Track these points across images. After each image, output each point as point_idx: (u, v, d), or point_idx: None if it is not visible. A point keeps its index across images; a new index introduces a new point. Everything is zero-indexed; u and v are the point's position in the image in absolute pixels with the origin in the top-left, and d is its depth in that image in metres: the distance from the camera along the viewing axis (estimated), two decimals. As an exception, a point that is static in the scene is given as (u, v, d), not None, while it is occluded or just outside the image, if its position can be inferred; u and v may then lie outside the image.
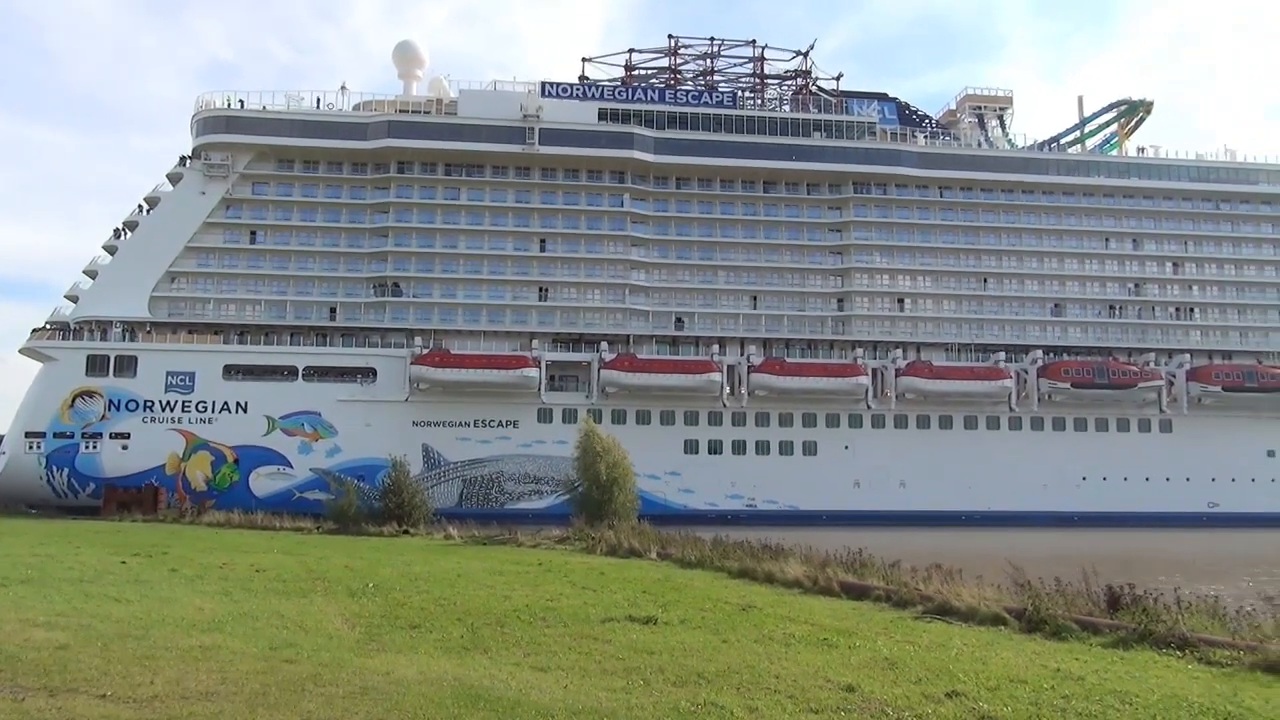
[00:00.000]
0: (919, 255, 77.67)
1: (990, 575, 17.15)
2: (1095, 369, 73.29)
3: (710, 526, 36.75)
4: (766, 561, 22.18)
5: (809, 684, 10.31)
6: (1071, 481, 71.87)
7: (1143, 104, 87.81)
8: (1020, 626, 14.24)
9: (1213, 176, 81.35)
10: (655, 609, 15.74)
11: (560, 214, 75.19)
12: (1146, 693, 9.97)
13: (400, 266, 72.81)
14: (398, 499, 44.13)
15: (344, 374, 68.41)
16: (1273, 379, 74.92)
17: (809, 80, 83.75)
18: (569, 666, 11.11)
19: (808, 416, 71.52)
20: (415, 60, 79.19)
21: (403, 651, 11.93)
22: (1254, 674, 10.91)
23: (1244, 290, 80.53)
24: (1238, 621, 13.31)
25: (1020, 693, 10.01)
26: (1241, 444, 74.37)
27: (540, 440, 68.03)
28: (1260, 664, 11.08)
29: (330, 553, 27.90)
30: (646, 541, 29.28)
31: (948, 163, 78.84)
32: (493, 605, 16.33)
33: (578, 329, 73.18)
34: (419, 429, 67.21)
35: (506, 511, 61.72)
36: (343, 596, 17.41)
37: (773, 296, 75.90)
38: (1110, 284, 79.62)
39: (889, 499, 68.79)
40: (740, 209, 77.12)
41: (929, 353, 75.32)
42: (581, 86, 78.49)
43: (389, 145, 72.47)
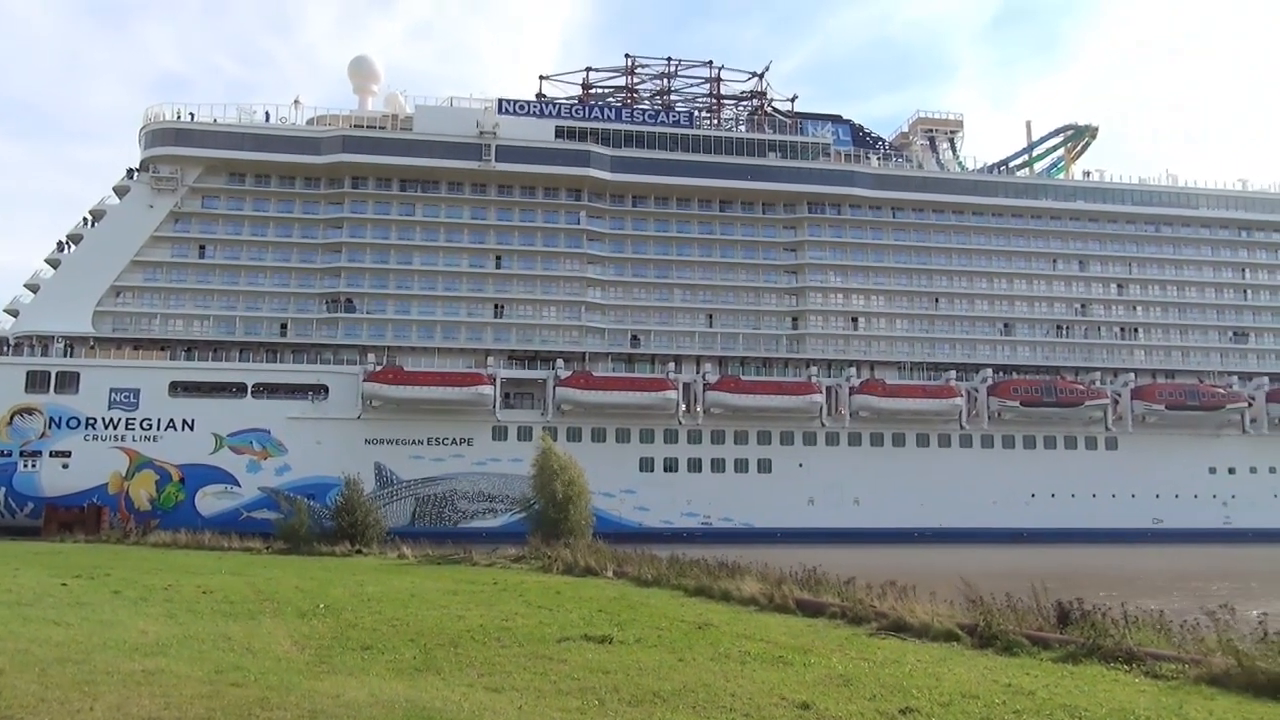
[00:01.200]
0: (872, 275, 78.68)
1: (943, 592, 17.31)
2: (1043, 388, 74.65)
3: (665, 544, 36.69)
4: (723, 579, 22.18)
5: (764, 702, 10.30)
6: (1021, 498, 72.98)
7: (1088, 129, 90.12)
8: (973, 642, 14.36)
9: (1155, 200, 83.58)
10: (611, 628, 15.65)
11: (516, 231, 75.03)
12: (1095, 706, 10.10)
13: (354, 283, 72.05)
14: (350, 518, 43.49)
15: (295, 391, 67.37)
16: (1213, 397, 76.90)
17: (765, 101, 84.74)
18: (524, 687, 10.98)
19: (762, 434, 71.88)
20: (370, 75, 78.76)
21: (353, 673, 11.71)
22: (1199, 687, 11.10)
23: (1186, 311, 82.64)
24: (1182, 635, 13.54)
25: (973, 708, 10.09)
26: (1184, 461, 76.14)
27: (495, 458, 67.52)
28: (1204, 677, 11.28)
29: (280, 573, 27.38)
30: (603, 560, 29.14)
31: (901, 184, 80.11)
32: (446, 625, 16.12)
33: (533, 346, 72.93)
34: (371, 447, 66.36)
35: (460, 530, 61.05)
36: (292, 618, 17.07)
37: (728, 315, 76.33)
38: (1058, 304, 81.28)
39: (843, 516, 69.24)
40: (696, 228, 77.60)
41: (882, 371, 76.19)
42: (538, 104, 78.58)
43: (343, 160, 71.84)
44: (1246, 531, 73.33)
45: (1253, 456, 78.05)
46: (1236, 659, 11.28)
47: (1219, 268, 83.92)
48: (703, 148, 77.60)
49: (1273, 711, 9.97)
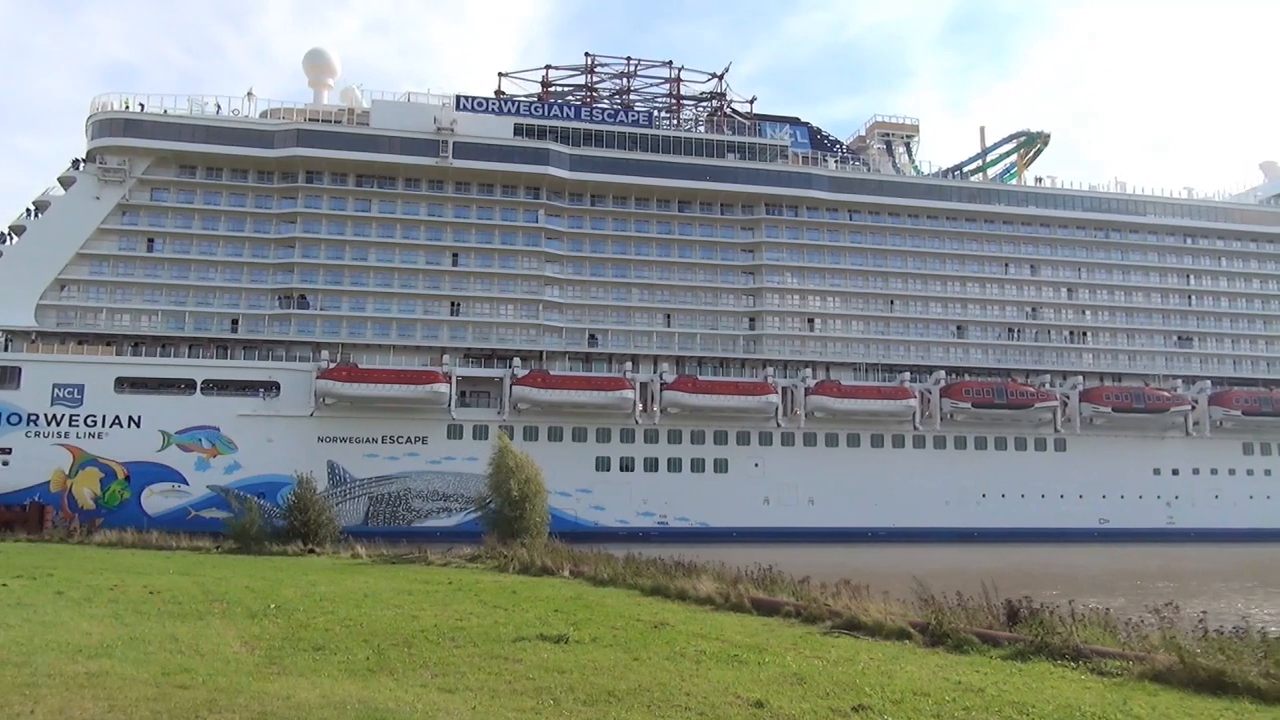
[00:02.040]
0: (829, 277, 79.36)
1: (896, 590, 17.52)
2: (994, 389, 75.88)
3: (621, 544, 36.71)
4: (679, 579, 22.23)
5: (719, 701, 10.33)
6: (972, 498, 74.11)
7: (1040, 136, 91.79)
8: (924, 640, 14.54)
9: (1104, 207, 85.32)
10: (567, 627, 15.61)
11: (474, 228, 74.52)
12: (1043, 703, 10.27)
13: (307, 278, 71.09)
14: (303, 517, 42.84)
15: (245, 388, 66.35)
16: (1159, 400, 78.73)
17: (724, 102, 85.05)
18: (478, 687, 10.90)
19: (719, 434, 72.17)
20: (326, 69, 77.75)
21: (304, 674, 11.54)
22: (1143, 683, 11.34)
23: (1132, 315, 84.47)
24: (1127, 633, 13.82)
25: (924, 705, 10.21)
26: (1130, 462, 77.84)
27: (450, 457, 67.04)
28: (1148, 674, 11.52)
29: (230, 573, 26.94)
30: (559, 559, 29.07)
31: (857, 187, 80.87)
32: (400, 625, 15.97)
33: (490, 344, 72.51)
34: (324, 445, 65.55)
35: (414, 529, 60.56)
36: (242, 618, 16.80)
37: (686, 315, 76.50)
38: (1009, 307, 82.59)
39: (798, 515, 69.81)
40: (655, 227, 77.67)
41: (837, 372, 76.89)
42: (497, 101, 78.11)
43: (297, 154, 70.83)
44: (1189, 531, 75.21)
45: (1195, 458, 80.00)
46: (1179, 656, 11.54)
47: (1165, 273, 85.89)
48: (662, 148, 77.69)
49: (1213, 706, 10.21)
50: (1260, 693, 10.39)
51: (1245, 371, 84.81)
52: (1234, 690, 10.60)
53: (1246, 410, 79.85)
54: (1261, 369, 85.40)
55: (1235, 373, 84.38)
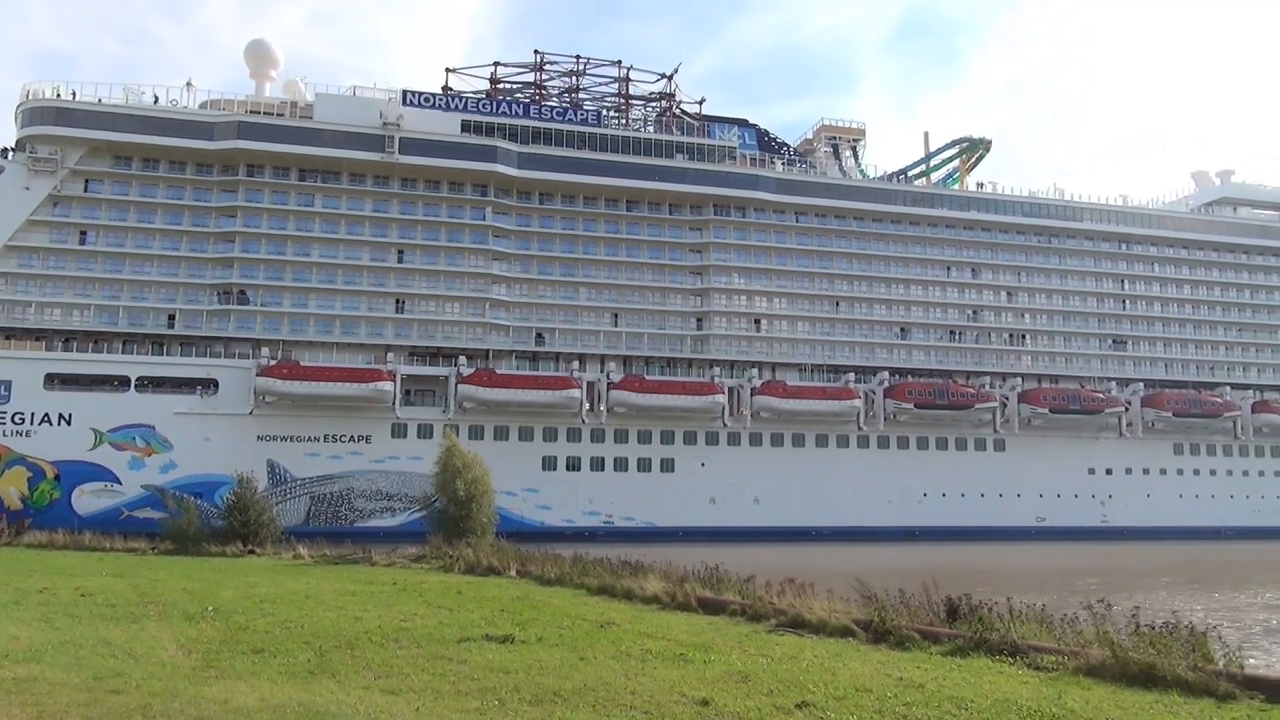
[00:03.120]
0: (775, 278, 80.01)
1: (840, 589, 17.71)
2: (936, 390, 77.20)
3: (567, 544, 36.63)
4: (626, 578, 22.24)
5: (664, 699, 10.35)
6: (914, 497, 75.30)
7: (982, 142, 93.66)
8: (868, 637, 14.73)
9: (1043, 213, 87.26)
10: (513, 627, 15.54)
11: (420, 225, 73.73)
12: (981, 698, 10.46)
13: (248, 274, 69.70)
14: (243, 517, 41.96)
15: (182, 385, 64.88)
16: (1094, 402, 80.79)
17: (673, 103, 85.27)
18: (422, 688, 10.79)
19: (665, 434, 72.36)
20: (269, 60, 76.28)
21: (243, 678, 11.32)
22: (1077, 678, 11.61)
23: (1069, 319, 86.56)
24: (1063, 629, 14.13)
25: (866, 701, 10.34)
26: (1066, 462, 79.75)
27: (394, 456, 66.28)
28: (1082, 668, 11.81)
29: (166, 575, 26.35)
30: (506, 559, 28.92)
31: (804, 190, 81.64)
32: (343, 627, 15.74)
33: (436, 343, 71.80)
34: (264, 444, 64.33)
35: (357, 529, 59.77)
36: (179, 621, 16.43)
37: (633, 314, 76.56)
38: (951, 310, 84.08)
39: (743, 515, 70.29)
40: (603, 227, 77.60)
41: (783, 372, 77.56)
42: (445, 97, 77.38)
43: (238, 147, 69.40)
44: (1122, 530, 77.34)
45: (1128, 458, 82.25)
46: (1111, 650, 11.83)
47: (1100, 278, 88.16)
48: (611, 147, 77.62)
49: (1143, 699, 10.48)
50: (1188, 685, 10.70)
51: (1176, 374, 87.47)
52: (1164, 683, 10.90)
53: (1177, 412, 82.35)
54: (1191, 372, 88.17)
55: (1167, 375, 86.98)
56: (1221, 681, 10.50)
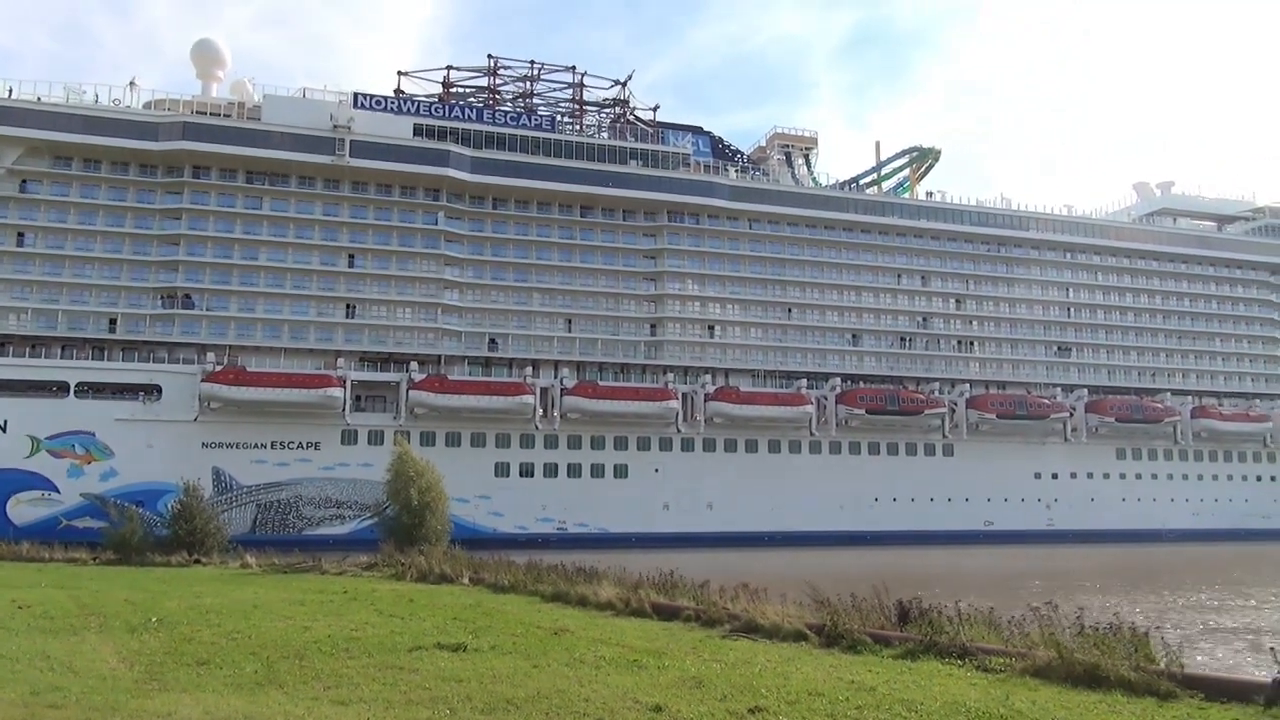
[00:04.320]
0: (729, 284, 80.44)
1: (794, 593, 17.79)
2: (887, 396, 78.15)
3: (520, 550, 36.43)
4: (580, 585, 22.15)
5: (618, 705, 10.32)
6: (866, 502, 76.05)
7: (932, 151, 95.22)
8: (820, 641, 14.82)
9: (991, 222, 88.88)
10: (466, 635, 15.40)
11: (371, 229, 72.92)
12: (931, 700, 10.57)
13: (193, 277, 68.36)
14: (189, 525, 41.03)
15: (124, 391, 63.37)
16: (1040, 407, 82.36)
17: (627, 109, 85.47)
18: (372, 699, 10.64)
19: (619, 439, 72.26)
20: (215, 60, 74.98)
21: (187, 690, 11.06)
22: (1024, 679, 11.79)
23: (1016, 326, 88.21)
24: (1010, 631, 14.32)
25: (818, 705, 10.40)
26: (1013, 467, 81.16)
27: (344, 463, 65.38)
28: (1029, 669, 12.00)
29: (108, 585, 25.71)
30: (459, 567, 28.68)
31: (758, 197, 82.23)
32: (291, 637, 15.46)
33: (387, 348, 71.03)
34: (209, 451, 63.08)
35: (305, 538, 58.68)
36: (120, 633, 16.02)
37: (587, 320, 76.45)
38: (901, 317, 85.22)
39: (697, 520, 70.39)
40: (557, 232, 77.39)
41: (737, 378, 77.96)
42: (397, 100, 76.69)
43: (183, 148, 68.05)
44: (1066, 533, 78.83)
45: (1073, 463, 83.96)
46: (1058, 652, 12.04)
47: (1046, 286, 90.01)
48: (565, 152, 77.45)
49: (1088, 699, 10.67)
50: (1131, 685, 10.92)
51: (1119, 380, 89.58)
52: (1108, 683, 11.11)
53: (1120, 417, 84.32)
54: (1133, 378, 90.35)
55: (1110, 381, 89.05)
56: (1163, 681, 10.73)
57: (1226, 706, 9.90)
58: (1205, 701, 10.18)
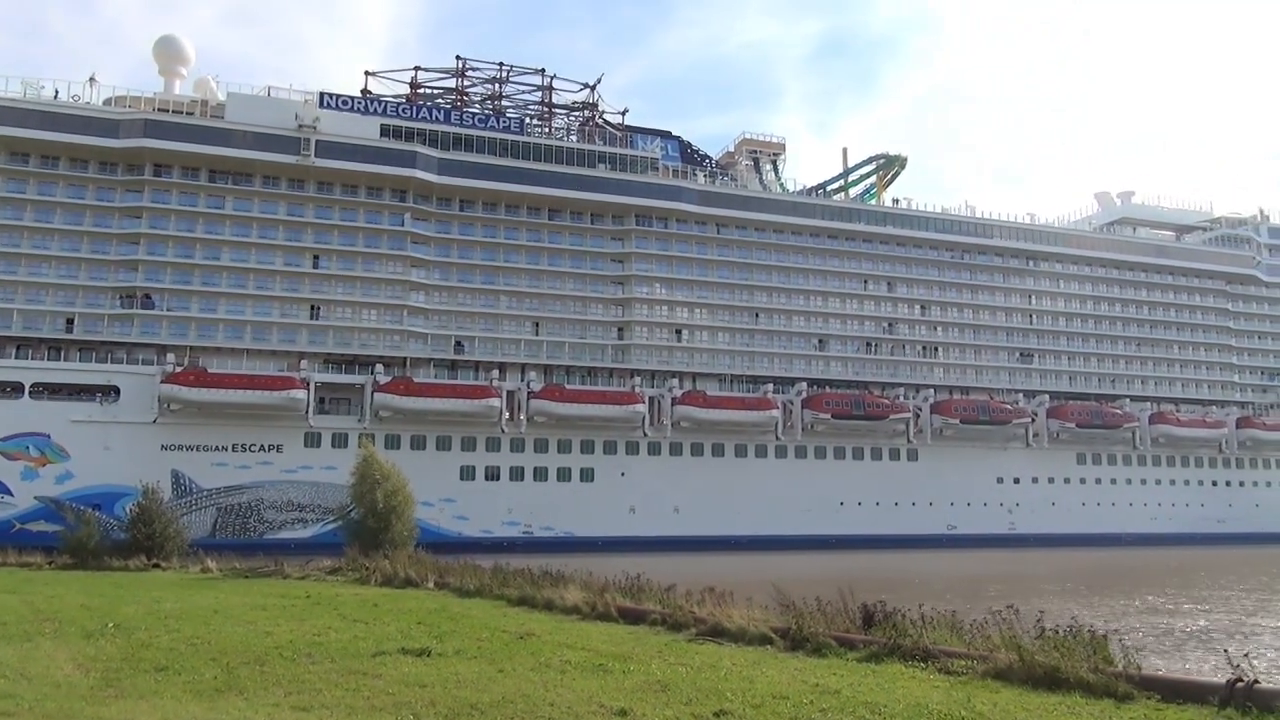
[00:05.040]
0: (696, 289, 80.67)
1: (760, 597, 17.84)
2: (852, 401, 78.72)
3: (485, 554, 36.25)
4: (546, 589, 22.07)
5: (583, 710, 10.29)
6: (831, 506, 76.50)
7: (898, 159, 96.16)
8: (785, 645, 14.86)
9: (956, 229, 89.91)
10: (430, 640, 15.28)
11: (336, 230, 72.27)
12: (894, 702, 10.65)
13: (153, 277, 67.33)
14: (148, 529, 40.25)
15: (80, 392, 62.31)
16: (1002, 412, 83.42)
17: (596, 113, 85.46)
18: (334, 704, 10.52)
19: (586, 443, 72.14)
20: (178, 57, 73.93)
21: (144, 697, 10.87)
22: (985, 681, 11.91)
23: (980, 332, 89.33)
24: (972, 634, 14.45)
25: (783, 708, 10.43)
26: (975, 471, 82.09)
27: (307, 466, 64.68)
28: (990, 672, 12.12)
29: (64, 590, 25.20)
30: (424, 571, 28.45)
31: (726, 202, 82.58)
32: (252, 642, 15.25)
33: (352, 350, 70.43)
34: (169, 453, 62.13)
35: (267, 541, 57.90)
36: (76, 639, 15.71)
37: (554, 323, 76.30)
38: (867, 322, 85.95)
39: (663, 524, 70.40)
40: (524, 235, 77.17)
41: (703, 382, 78.19)
42: (364, 100, 76.14)
43: (144, 145, 67.06)
44: (1028, 536, 79.78)
45: (1034, 467, 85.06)
46: (1018, 654, 12.18)
47: (1009, 293, 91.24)
48: (533, 155, 77.26)
49: (1048, 701, 10.81)
50: (1090, 687, 11.08)
51: (1080, 387, 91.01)
52: (1067, 685, 11.25)
53: (1080, 423, 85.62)
54: (1094, 384, 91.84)
55: (1071, 387, 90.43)
56: (1120, 683, 10.88)
57: (1182, 707, 10.06)
58: (1162, 703, 10.34)
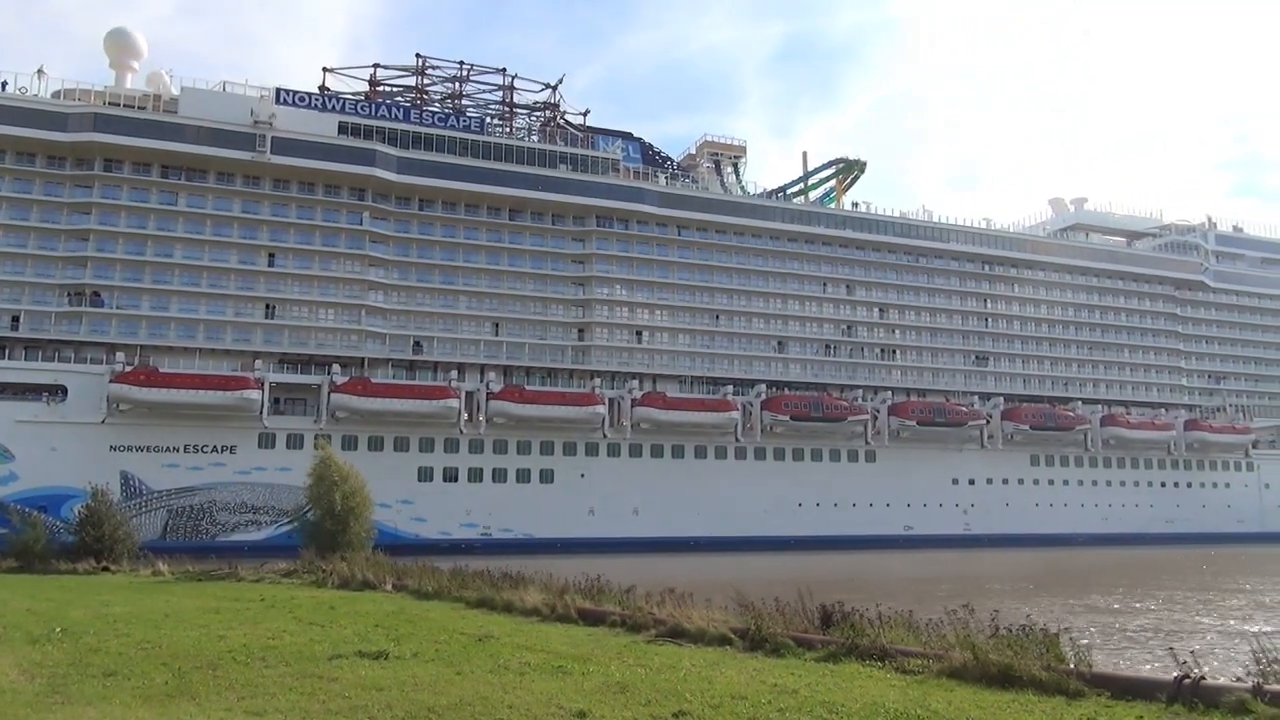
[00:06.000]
0: (657, 290, 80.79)
1: (719, 598, 17.86)
2: (811, 403, 79.29)
3: (443, 556, 35.95)
4: (506, 590, 21.92)
5: (541, 712, 10.23)
6: (790, 507, 76.97)
7: (858, 163, 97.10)
8: (744, 645, 14.89)
9: (913, 233, 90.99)
10: (388, 643, 15.09)
11: (293, 228, 71.32)
12: (851, 701, 10.72)
13: (102, 274, 65.98)
14: (97, 531, 39.35)
15: (26, 391, 60.86)
16: (958, 415, 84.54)
17: (557, 113, 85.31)
18: (288, 708, 10.35)
19: (545, 444, 71.91)
20: (130, 50, 72.58)
21: (92, 703, 10.62)
22: (941, 680, 12.02)
23: (936, 335, 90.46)
24: (928, 633, 14.59)
25: (741, 708, 10.45)
26: (931, 473, 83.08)
27: (260, 467, 63.74)
28: (946, 670, 12.25)
29: (9, 594, 24.57)
30: (382, 573, 28.15)
31: (686, 204, 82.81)
32: (205, 646, 14.97)
33: (308, 350, 69.56)
34: (118, 454, 60.88)
35: (219, 544, 57.12)
36: (21, 644, 15.30)
37: (514, 324, 75.98)
38: (826, 325, 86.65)
39: (623, 526, 70.39)
40: (484, 235, 76.79)
41: (663, 384, 78.31)
42: (321, 97, 75.30)
43: (94, 140, 65.71)
44: (982, 537, 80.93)
45: (989, 469, 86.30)
46: (973, 653, 12.31)
47: (965, 297, 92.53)
48: (494, 155, 76.88)
49: (1002, 699, 10.94)
50: (1042, 684, 11.23)
51: (1033, 389, 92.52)
52: (1020, 683, 11.40)
53: (1034, 425, 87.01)
54: (1047, 387, 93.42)
55: (1025, 390, 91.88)
56: (1072, 680, 11.04)
57: (1131, 704, 10.23)
58: (1112, 700, 10.51)
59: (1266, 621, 30.70)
